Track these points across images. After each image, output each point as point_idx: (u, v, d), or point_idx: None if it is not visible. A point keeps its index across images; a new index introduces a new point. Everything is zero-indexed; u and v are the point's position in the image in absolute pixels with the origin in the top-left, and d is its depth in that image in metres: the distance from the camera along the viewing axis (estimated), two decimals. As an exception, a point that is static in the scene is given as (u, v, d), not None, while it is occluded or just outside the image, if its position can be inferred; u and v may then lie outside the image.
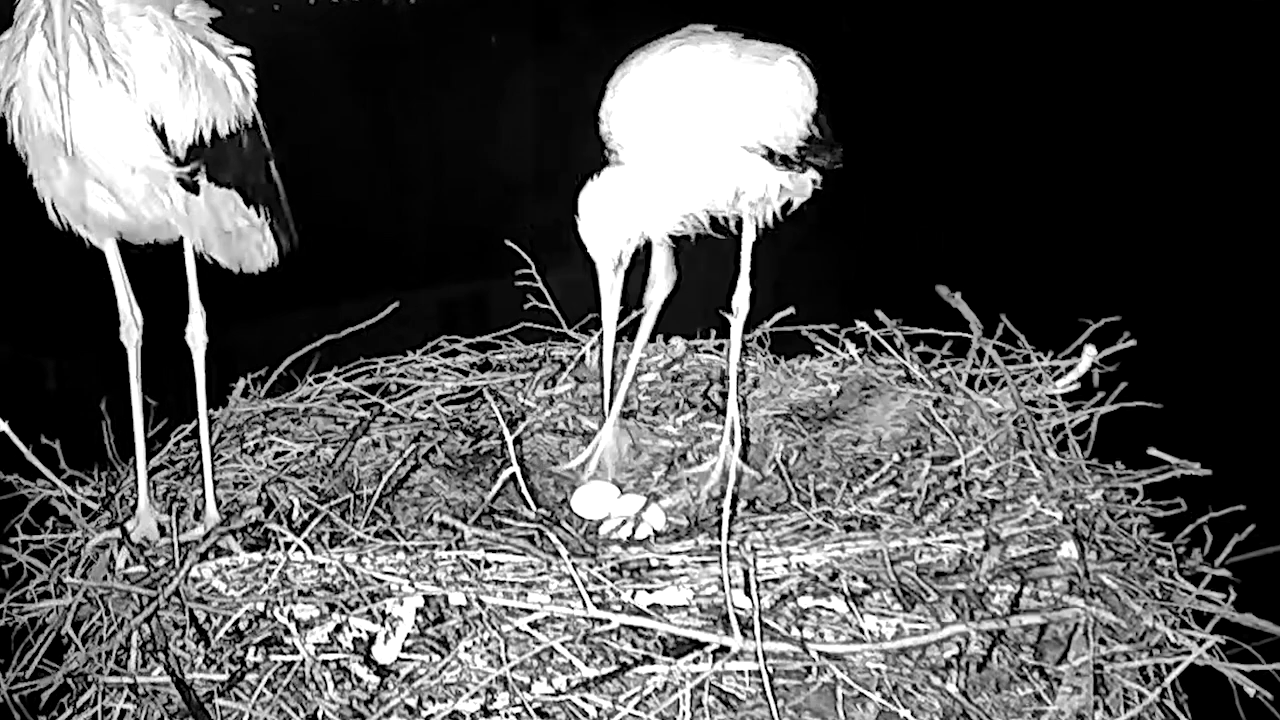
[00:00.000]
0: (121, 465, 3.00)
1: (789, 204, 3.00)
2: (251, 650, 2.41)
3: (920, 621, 2.36)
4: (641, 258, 3.00)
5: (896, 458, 2.87)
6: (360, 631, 2.38)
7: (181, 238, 2.71)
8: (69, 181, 2.54)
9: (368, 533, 2.59)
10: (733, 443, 3.08)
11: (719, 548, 2.32)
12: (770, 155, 2.83)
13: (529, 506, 2.75)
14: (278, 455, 3.15)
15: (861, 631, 2.35)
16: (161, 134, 2.50)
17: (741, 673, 2.29)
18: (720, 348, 3.57)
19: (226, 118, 2.61)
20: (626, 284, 2.97)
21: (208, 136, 2.57)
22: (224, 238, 2.82)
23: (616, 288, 2.95)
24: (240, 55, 2.75)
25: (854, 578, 2.42)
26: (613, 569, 2.42)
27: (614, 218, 2.84)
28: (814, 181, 2.98)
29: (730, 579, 2.30)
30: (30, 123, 2.44)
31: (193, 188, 2.59)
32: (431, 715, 2.28)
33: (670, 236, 2.99)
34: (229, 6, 2.72)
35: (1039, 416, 2.96)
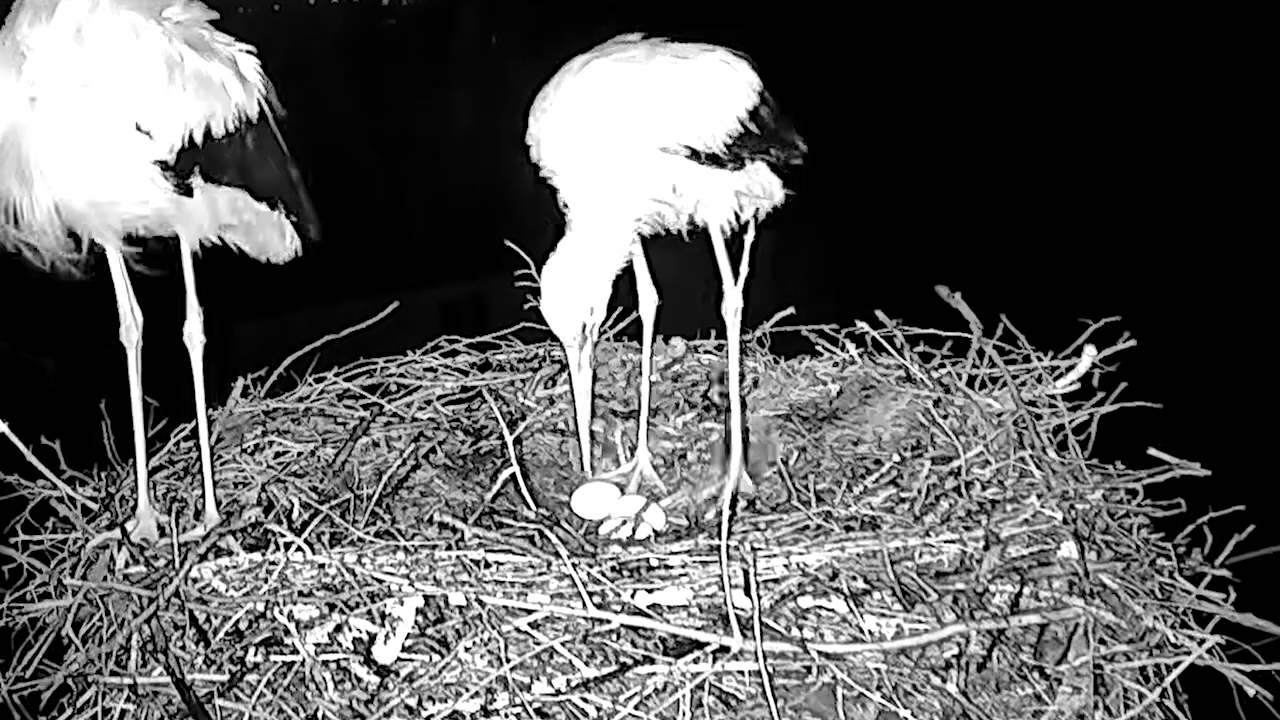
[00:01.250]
0: (121, 465, 3.00)
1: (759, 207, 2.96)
2: (251, 650, 2.41)
3: (920, 621, 2.36)
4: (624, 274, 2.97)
5: (896, 458, 2.87)
6: (360, 631, 2.38)
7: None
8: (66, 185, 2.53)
9: (368, 533, 2.59)
10: (729, 447, 3.06)
11: (719, 548, 2.32)
12: (695, 155, 2.79)
13: (529, 506, 2.75)
14: (278, 455, 3.15)
15: (861, 631, 2.35)
16: (149, 139, 2.48)
17: (741, 673, 2.29)
18: (720, 348, 3.57)
19: (223, 117, 2.59)
20: (615, 292, 2.95)
21: (200, 139, 2.54)
22: (231, 230, 2.81)
23: (585, 364, 2.95)
24: (246, 51, 2.74)
25: (854, 578, 2.42)
26: (613, 569, 2.42)
27: (572, 295, 2.85)
28: (780, 183, 2.93)
29: (730, 579, 2.30)
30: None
31: (186, 190, 2.56)
32: (431, 715, 2.28)
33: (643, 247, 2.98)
34: (229, 6, 2.72)
35: (1039, 416, 2.96)
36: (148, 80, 2.46)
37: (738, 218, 2.94)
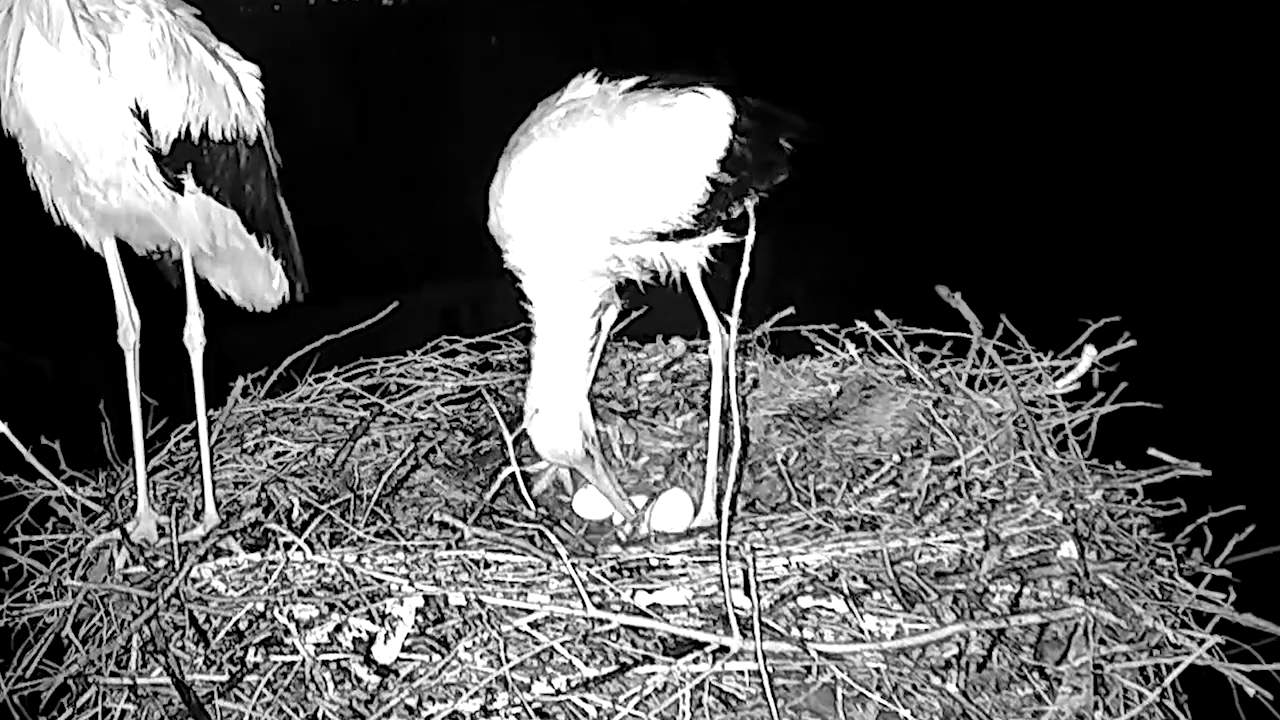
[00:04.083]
0: (121, 465, 3.00)
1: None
2: (251, 651, 2.41)
3: (920, 621, 2.36)
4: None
5: (896, 458, 2.87)
6: (360, 631, 2.38)
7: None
8: (60, 174, 2.53)
9: (368, 533, 2.59)
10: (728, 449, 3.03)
11: (719, 548, 2.32)
12: (661, 236, 2.68)
13: (529, 506, 2.75)
14: (277, 455, 3.16)
15: (861, 631, 2.35)
16: (145, 122, 2.49)
17: (741, 673, 2.29)
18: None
19: (221, 123, 2.59)
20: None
21: (196, 135, 2.55)
22: (220, 254, 2.80)
23: (600, 471, 2.91)
24: (250, 74, 2.74)
25: (854, 578, 2.42)
26: (612, 569, 2.42)
27: (564, 434, 2.84)
28: (761, 194, 2.76)
29: (730, 579, 2.30)
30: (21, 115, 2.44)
31: (176, 185, 2.56)
32: (431, 715, 2.28)
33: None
34: (229, 6, 2.72)
35: (1039, 416, 2.96)
36: (154, 60, 2.47)
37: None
